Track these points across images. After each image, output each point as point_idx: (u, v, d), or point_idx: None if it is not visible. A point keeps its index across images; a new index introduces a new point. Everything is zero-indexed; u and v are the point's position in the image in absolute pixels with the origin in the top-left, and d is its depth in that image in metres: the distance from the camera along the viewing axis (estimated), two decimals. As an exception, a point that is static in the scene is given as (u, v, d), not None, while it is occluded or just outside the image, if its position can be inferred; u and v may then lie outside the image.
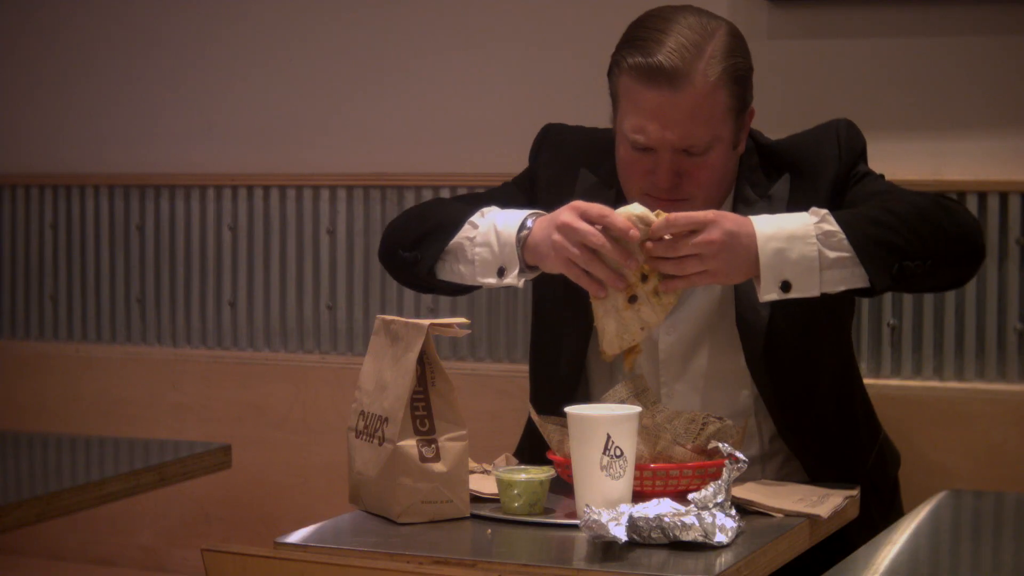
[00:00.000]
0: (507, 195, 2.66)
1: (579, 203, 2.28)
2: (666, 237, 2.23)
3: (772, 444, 2.49)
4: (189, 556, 3.43)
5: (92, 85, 3.58)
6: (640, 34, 2.41)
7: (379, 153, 3.33)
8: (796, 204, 2.44)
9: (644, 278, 2.27)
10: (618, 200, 2.52)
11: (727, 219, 2.24)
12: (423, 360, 2.15)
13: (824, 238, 2.25)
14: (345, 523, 2.18)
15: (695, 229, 2.22)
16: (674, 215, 2.23)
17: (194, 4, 3.48)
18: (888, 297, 2.92)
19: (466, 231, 2.46)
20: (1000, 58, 2.88)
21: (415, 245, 2.52)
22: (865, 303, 2.94)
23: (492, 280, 2.43)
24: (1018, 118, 2.87)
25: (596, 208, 2.26)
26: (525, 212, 2.42)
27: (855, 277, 2.26)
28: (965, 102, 2.90)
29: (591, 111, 3.08)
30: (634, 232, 2.22)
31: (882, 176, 2.52)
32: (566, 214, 2.29)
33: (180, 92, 3.51)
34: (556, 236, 2.29)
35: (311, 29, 3.38)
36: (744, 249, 2.24)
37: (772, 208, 2.46)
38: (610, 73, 2.46)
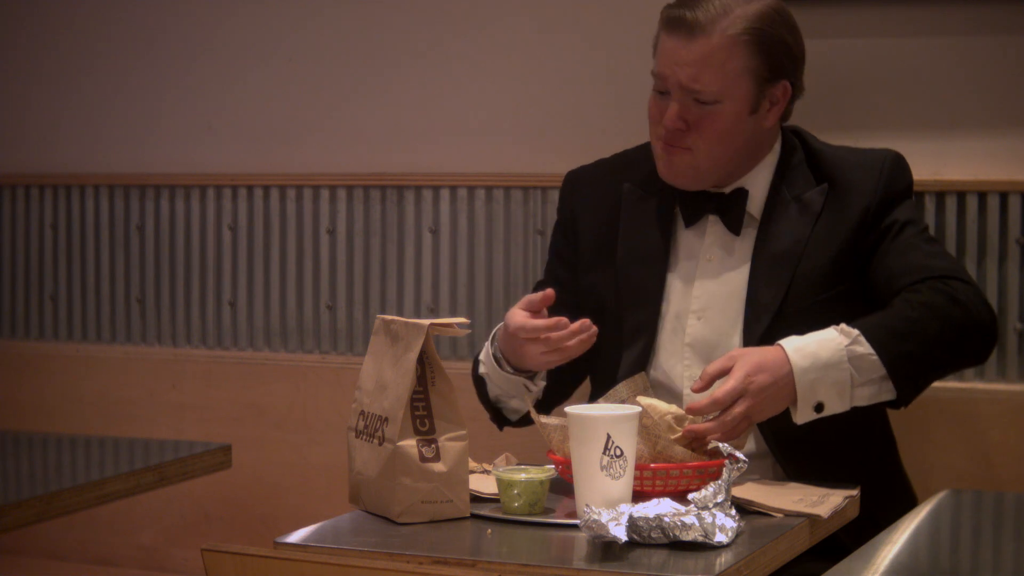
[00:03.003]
0: (557, 272, 2.70)
1: (516, 322, 2.37)
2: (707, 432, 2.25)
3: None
4: (189, 556, 3.43)
5: (92, 85, 3.58)
6: None
7: (379, 153, 3.33)
8: (827, 218, 2.49)
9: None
10: (660, 202, 2.57)
11: (761, 374, 2.28)
12: (423, 360, 2.15)
13: (856, 361, 2.31)
14: (345, 523, 2.17)
15: (737, 397, 2.26)
16: (718, 394, 2.25)
17: (194, 4, 3.48)
18: (888, 297, 2.92)
19: (489, 387, 2.55)
20: (1000, 58, 2.88)
21: (484, 401, 2.61)
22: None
23: (531, 398, 2.48)
24: (1018, 118, 2.87)
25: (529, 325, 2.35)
26: (487, 348, 2.52)
27: (883, 392, 2.35)
28: (965, 102, 2.90)
29: (591, 111, 3.08)
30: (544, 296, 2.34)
31: (924, 229, 2.52)
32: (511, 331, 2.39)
33: (180, 92, 3.51)
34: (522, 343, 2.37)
35: (311, 29, 3.38)
36: (783, 387, 2.29)
37: (802, 213, 2.50)
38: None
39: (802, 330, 2.37)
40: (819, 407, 2.31)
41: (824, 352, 2.30)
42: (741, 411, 2.24)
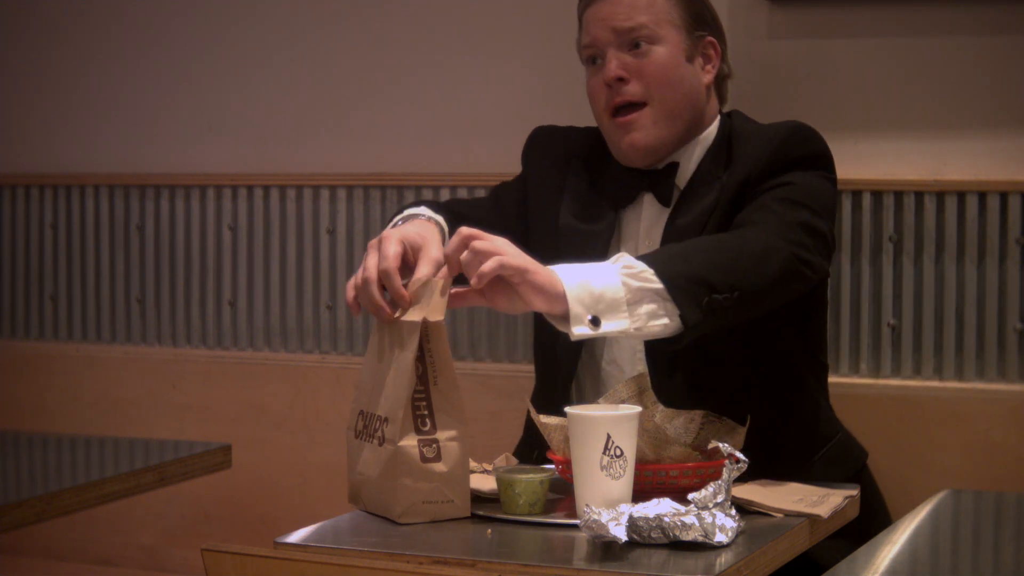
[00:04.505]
0: (510, 192, 2.70)
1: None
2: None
3: None
4: (189, 556, 3.43)
5: (92, 85, 3.58)
6: None
7: (379, 153, 3.33)
8: (727, 188, 2.47)
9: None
10: (603, 183, 2.55)
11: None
12: (425, 358, 2.15)
13: (627, 270, 2.15)
14: (345, 523, 2.18)
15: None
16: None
17: (194, 4, 3.48)
18: (888, 297, 2.92)
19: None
20: (1000, 58, 2.88)
21: None
22: (864, 302, 2.93)
23: None
24: (1018, 118, 2.87)
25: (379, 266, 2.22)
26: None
27: (665, 312, 2.15)
28: (965, 102, 2.90)
29: (591, 111, 3.07)
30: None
31: (799, 192, 2.42)
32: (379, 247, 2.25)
33: (180, 92, 3.51)
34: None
35: (311, 29, 3.38)
36: (544, 272, 2.11)
37: (713, 190, 2.49)
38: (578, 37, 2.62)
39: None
40: (595, 320, 2.12)
41: (591, 265, 2.17)
42: (483, 246, 2.08)
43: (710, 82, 2.59)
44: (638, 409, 2.11)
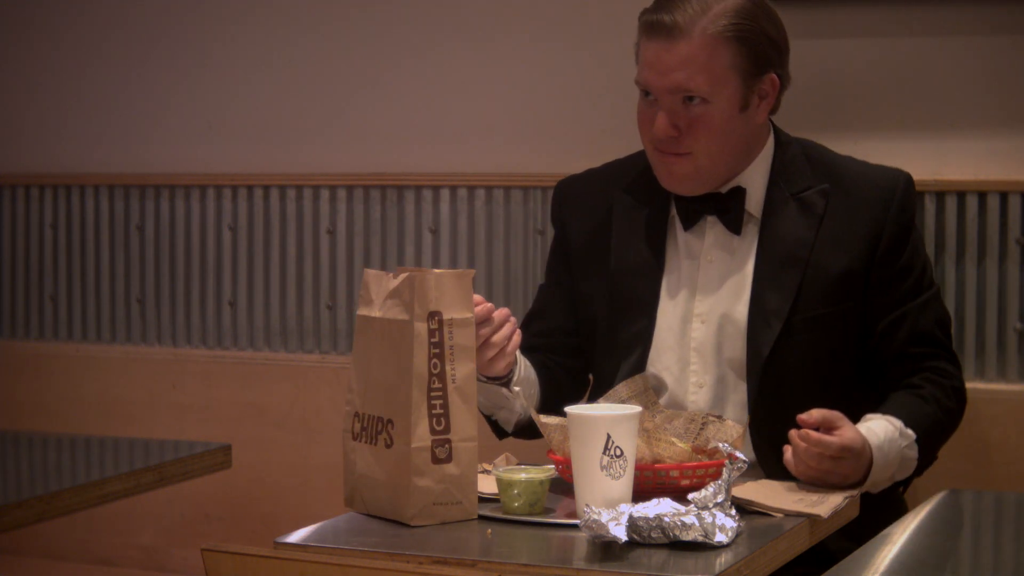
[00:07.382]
0: (553, 280, 2.68)
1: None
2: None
3: None
4: (189, 556, 3.43)
5: (92, 85, 3.58)
6: None
7: (379, 153, 3.33)
8: (831, 223, 2.47)
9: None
10: (653, 208, 2.55)
11: (856, 445, 2.28)
12: (444, 355, 2.12)
13: (904, 464, 2.41)
14: (345, 523, 2.17)
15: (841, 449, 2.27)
16: (839, 431, 2.28)
17: (194, 5, 3.49)
18: (888, 297, 2.93)
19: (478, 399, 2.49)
20: (1000, 58, 2.88)
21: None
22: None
23: (516, 401, 2.48)
24: (1018, 118, 2.87)
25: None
26: None
27: (891, 481, 2.42)
28: (965, 102, 2.90)
29: (591, 112, 3.09)
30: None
31: (931, 276, 2.54)
32: None
33: (180, 92, 3.51)
34: None
35: (311, 29, 3.38)
36: (859, 470, 2.31)
37: (803, 213, 2.48)
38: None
39: (807, 339, 2.40)
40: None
41: (891, 452, 2.36)
42: (831, 458, 2.26)
43: (764, 118, 2.51)
44: (638, 409, 2.11)
